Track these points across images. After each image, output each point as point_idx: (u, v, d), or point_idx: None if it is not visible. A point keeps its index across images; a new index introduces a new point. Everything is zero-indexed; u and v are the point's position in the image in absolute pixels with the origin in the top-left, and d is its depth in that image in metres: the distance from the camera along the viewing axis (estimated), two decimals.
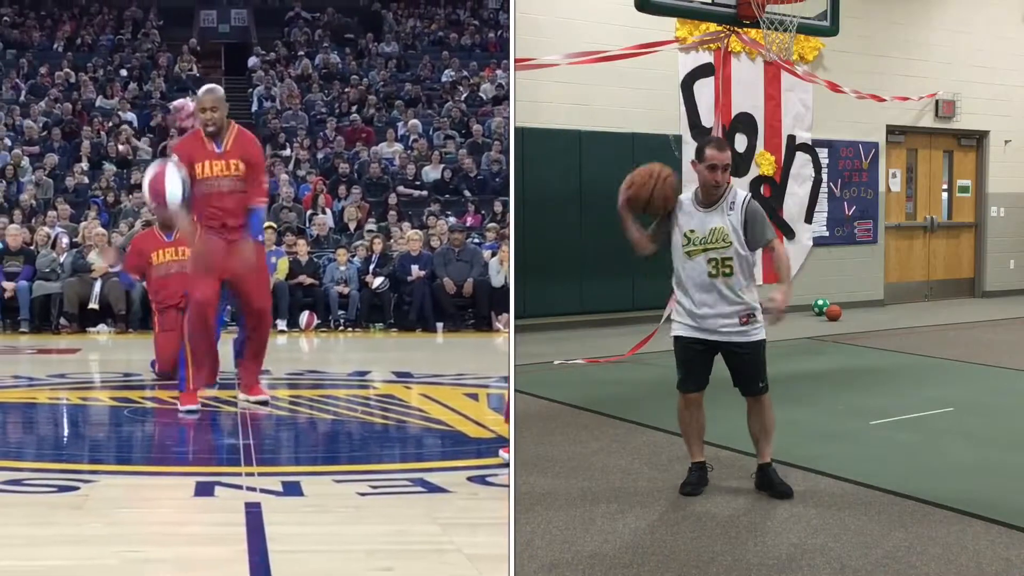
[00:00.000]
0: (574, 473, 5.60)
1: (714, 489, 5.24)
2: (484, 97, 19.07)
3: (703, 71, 12.54)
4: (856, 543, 4.44)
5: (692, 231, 5.07)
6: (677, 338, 5.24)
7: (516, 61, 9.45)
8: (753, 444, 5.30)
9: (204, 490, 4.68)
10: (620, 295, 11.95)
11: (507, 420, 5.43)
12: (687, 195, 5.19)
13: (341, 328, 12.38)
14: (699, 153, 5.11)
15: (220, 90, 6.67)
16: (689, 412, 5.25)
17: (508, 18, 22.17)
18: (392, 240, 13.51)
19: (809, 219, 13.73)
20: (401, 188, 15.85)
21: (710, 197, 5.09)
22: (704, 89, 12.52)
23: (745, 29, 9.78)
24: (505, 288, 12.26)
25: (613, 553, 4.32)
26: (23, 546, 3.86)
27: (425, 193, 15.85)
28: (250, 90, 19.76)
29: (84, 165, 15.94)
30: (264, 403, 6.62)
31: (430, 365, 9.38)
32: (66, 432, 6.54)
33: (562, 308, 11.73)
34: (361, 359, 10.45)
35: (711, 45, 11.91)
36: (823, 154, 13.80)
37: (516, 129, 10.89)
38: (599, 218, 11.87)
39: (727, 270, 5.02)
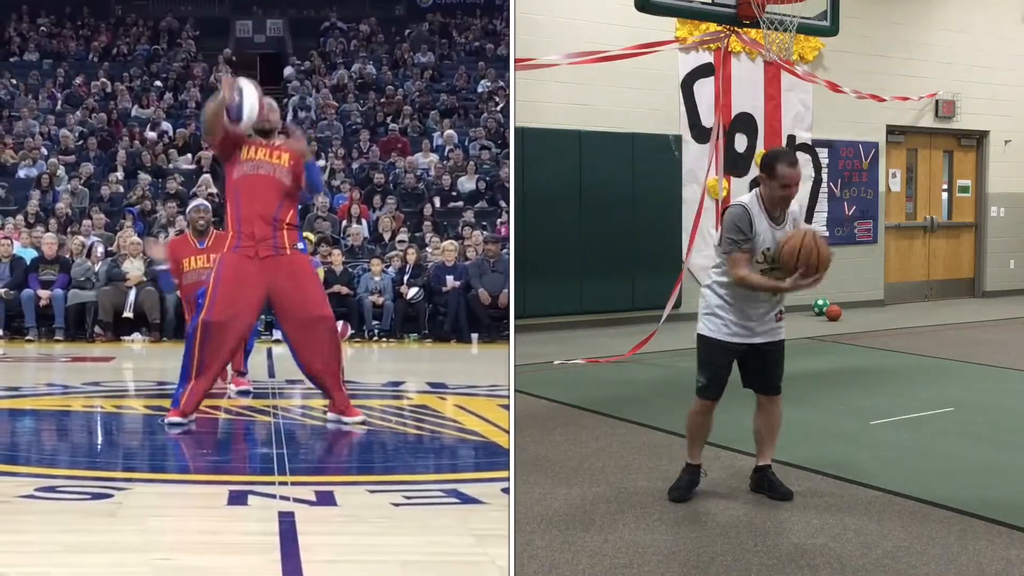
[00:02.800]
0: (574, 473, 5.60)
1: (714, 489, 5.23)
2: None
3: (703, 71, 12.55)
4: (856, 543, 4.45)
5: (769, 249, 4.85)
6: (714, 341, 4.98)
7: (516, 61, 9.45)
8: (756, 445, 5.24)
9: (237, 499, 4.64)
10: (620, 295, 11.96)
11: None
12: (754, 202, 4.90)
13: (375, 338, 12.31)
14: (769, 168, 4.84)
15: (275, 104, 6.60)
16: (702, 417, 5.10)
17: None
18: (427, 250, 13.49)
19: (809, 219, 13.72)
20: (437, 201, 15.79)
21: (778, 213, 4.90)
22: (704, 89, 12.53)
23: (745, 29, 9.78)
24: None
25: (613, 553, 4.32)
26: (57, 552, 3.85)
27: (461, 204, 15.83)
28: (285, 100, 19.73)
29: (119, 174, 15.96)
30: (362, 423, 6.34)
31: (465, 376, 9.31)
32: (100, 440, 6.50)
33: (562, 308, 11.73)
34: (395, 369, 10.35)
35: (711, 45, 11.92)
36: (823, 154, 13.80)
37: (516, 129, 10.90)
38: (599, 218, 11.91)
39: None
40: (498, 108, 18.80)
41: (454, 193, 16.07)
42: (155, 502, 4.71)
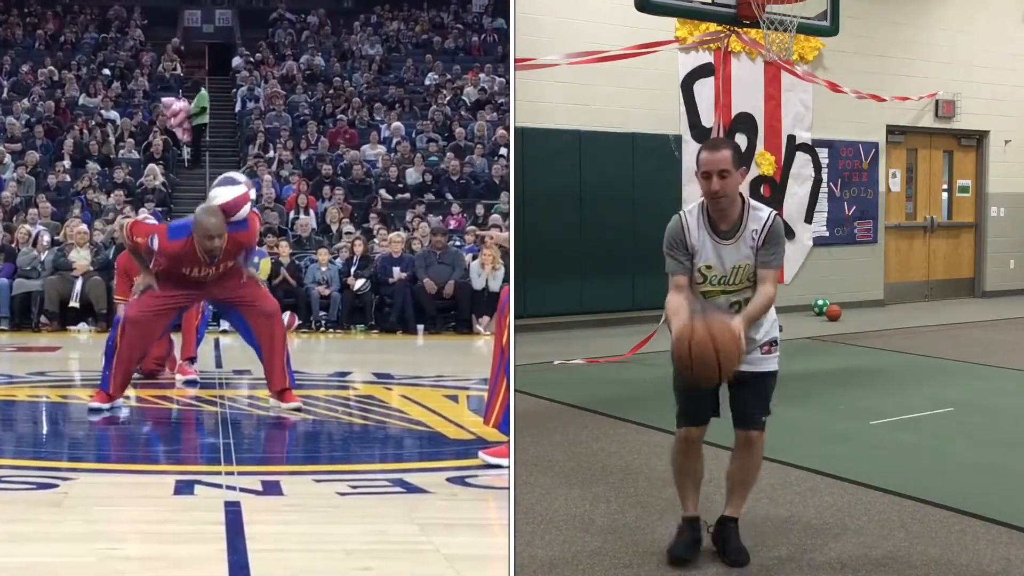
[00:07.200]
0: (574, 473, 5.60)
1: (714, 490, 5.23)
2: (467, 100, 19.18)
3: (703, 71, 12.55)
4: (856, 543, 4.44)
5: (709, 267, 4.05)
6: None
7: (516, 61, 9.45)
8: (727, 492, 4.33)
9: (184, 489, 4.69)
10: (620, 295, 11.95)
11: (487, 422, 5.40)
12: (695, 212, 4.17)
13: (322, 329, 12.42)
14: (696, 160, 4.15)
15: (220, 214, 6.17)
16: (685, 455, 4.25)
17: (492, 22, 22.29)
18: (374, 242, 13.54)
19: (809, 219, 13.73)
20: (383, 192, 15.87)
21: (722, 218, 4.07)
22: (704, 89, 12.53)
23: (745, 29, 9.78)
24: (486, 291, 12.31)
25: (613, 553, 4.32)
26: (2, 542, 3.86)
27: (407, 195, 15.93)
28: (234, 90, 19.86)
29: (66, 163, 15.96)
30: (297, 409, 6.54)
31: (410, 367, 9.39)
32: (45, 430, 6.55)
33: (562, 308, 11.73)
34: (342, 360, 10.48)
35: (711, 45, 11.91)
36: (823, 154, 13.80)
37: (516, 129, 10.89)
38: (599, 218, 11.91)
39: None
40: (445, 101, 18.96)
41: (401, 185, 16.21)
42: (101, 492, 4.74)
